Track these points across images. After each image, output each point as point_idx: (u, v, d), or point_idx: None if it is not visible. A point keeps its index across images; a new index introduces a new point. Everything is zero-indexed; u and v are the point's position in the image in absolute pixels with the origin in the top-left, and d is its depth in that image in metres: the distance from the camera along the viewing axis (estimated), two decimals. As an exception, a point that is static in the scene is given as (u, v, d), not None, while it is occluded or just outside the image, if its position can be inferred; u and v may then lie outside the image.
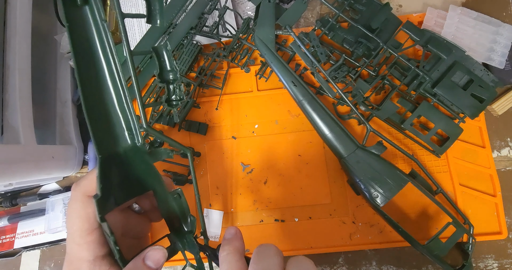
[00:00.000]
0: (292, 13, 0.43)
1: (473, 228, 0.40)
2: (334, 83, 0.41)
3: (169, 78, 0.28)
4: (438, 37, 0.41)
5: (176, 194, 0.28)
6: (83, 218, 0.24)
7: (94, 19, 0.24)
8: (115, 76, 0.25)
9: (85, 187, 0.25)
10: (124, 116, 0.26)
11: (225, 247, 0.25)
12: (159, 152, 0.27)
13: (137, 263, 0.24)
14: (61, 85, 0.48)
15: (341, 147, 0.40)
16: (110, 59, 0.25)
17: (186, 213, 0.29)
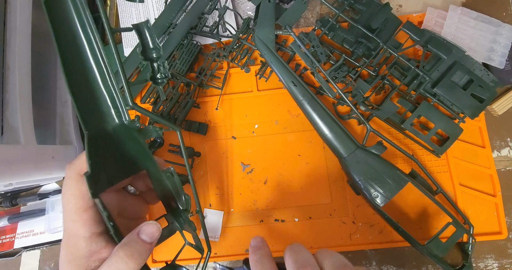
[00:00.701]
0: (292, 13, 0.43)
1: (473, 228, 0.40)
2: (334, 83, 0.41)
3: (152, 56, 0.28)
4: (438, 37, 0.41)
5: (169, 172, 0.28)
6: (77, 196, 0.25)
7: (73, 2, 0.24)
8: (96, 54, 0.25)
9: (79, 165, 0.25)
10: (109, 94, 0.26)
11: (257, 252, 0.27)
12: (148, 130, 0.27)
13: (132, 236, 0.25)
14: (61, 85, 0.48)
15: (341, 147, 0.40)
16: (90, 36, 0.24)
17: (180, 192, 0.29)
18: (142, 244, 0.24)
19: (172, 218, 0.30)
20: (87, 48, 0.25)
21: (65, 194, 0.25)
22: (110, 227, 0.24)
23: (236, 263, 0.45)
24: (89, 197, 0.24)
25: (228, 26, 0.46)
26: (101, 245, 0.25)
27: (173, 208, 0.30)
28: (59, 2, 0.23)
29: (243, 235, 0.44)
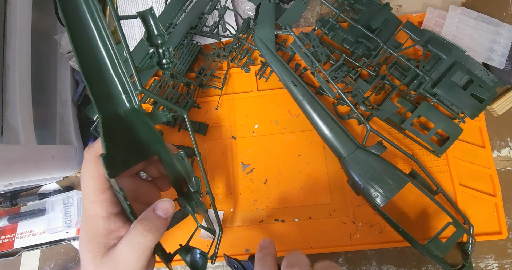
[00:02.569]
0: (292, 13, 0.43)
1: (473, 228, 0.40)
2: (334, 83, 0.41)
3: (158, 42, 0.29)
4: (438, 37, 0.41)
5: (179, 156, 0.30)
6: (95, 178, 0.26)
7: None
8: (106, 42, 0.26)
9: (97, 149, 0.27)
10: (120, 79, 0.27)
11: (262, 251, 0.29)
12: (158, 114, 0.29)
13: (148, 212, 0.26)
14: (61, 85, 0.48)
15: (341, 147, 0.40)
16: (99, 24, 0.26)
17: (191, 174, 0.30)
18: (158, 219, 0.26)
19: (184, 201, 0.32)
20: (96, 36, 0.26)
21: (84, 176, 0.27)
22: (127, 206, 0.25)
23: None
24: (106, 178, 0.25)
25: (228, 26, 0.46)
26: (118, 225, 0.26)
27: (185, 193, 0.31)
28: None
29: (243, 235, 0.44)
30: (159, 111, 0.29)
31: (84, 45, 0.26)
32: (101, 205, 0.26)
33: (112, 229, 0.26)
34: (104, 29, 0.26)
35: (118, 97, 0.27)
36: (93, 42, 0.26)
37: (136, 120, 0.28)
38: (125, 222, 0.27)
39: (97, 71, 0.26)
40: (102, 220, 0.26)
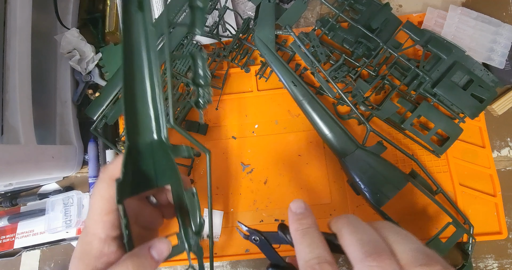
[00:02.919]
0: (292, 13, 0.43)
1: (473, 228, 0.40)
2: (334, 83, 0.41)
3: (200, 82, 0.31)
4: (438, 37, 0.41)
5: (191, 192, 0.30)
6: (104, 198, 0.26)
7: (144, 24, 0.27)
8: (153, 75, 0.28)
9: (113, 170, 0.27)
10: (155, 112, 0.28)
11: (303, 221, 0.23)
12: (181, 149, 0.29)
13: (142, 249, 0.25)
14: (61, 85, 0.48)
15: (341, 147, 0.40)
16: (151, 59, 0.27)
17: (197, 214, 0.30)
18: (150, 259, 0.25)
19: (183, 237, 0.31)
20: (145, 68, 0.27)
21: (94, 194, 0.27)
22: (125, 235, 0.25)
23: (236, 263, 0.45)
24: (114, 201, 0.25)
25: (228, 26, 0.46)
26: (112, 249, 0.26)
27: (186, 227, 0.30)
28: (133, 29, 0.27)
29: (243, 235, 0.44)
30: (182, 145, 0.29)
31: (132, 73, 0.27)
32: (102, 226, 0.26)
33: (104, 252, 0.26)
34: (155, 61, 0.27)
35: (149, 128, 0.28)
36: (141, 71, 0.27)
37: (158, 150, 0.29)
38: (120, 247, 0.26)
39: (137, 103, 0.27)
40: (98, 241, 0.26)
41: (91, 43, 0.48)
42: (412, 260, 0.18)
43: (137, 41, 0.27)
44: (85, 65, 0.47)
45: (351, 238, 0.20)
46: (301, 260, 0.20)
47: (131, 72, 0.27)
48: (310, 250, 0.21)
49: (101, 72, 0.49)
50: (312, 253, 0.20)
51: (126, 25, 0.27)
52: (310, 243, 0.21)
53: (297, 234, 0.22)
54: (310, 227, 0.22)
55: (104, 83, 0.48)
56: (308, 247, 0.21)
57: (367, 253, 0.19)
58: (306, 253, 0.21)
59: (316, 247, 0.21)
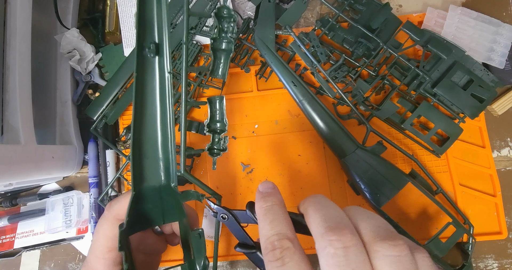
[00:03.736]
0: (292, 13, 0.43)
1: (473, 228, 0.40)
2: (334, 83, 0.41)
3: (217, 128, 0.29)
4: (438, 37, 0.41)
5: (198, 234, 0.29)
6: (107, 237, 0.26)
7: (161, 69, 0.25)
8: (166, 122, 0.26)
9: (117, 210, 0.27)
10: (166, 159, 0.27)
11: (268, 198, 0.22)
12: (190, 194, 0.28)
13: None
14: (61, 85, 0.48)
15: (341, 147, 0.40)
16: (166, 106, 0.26)
17: (202, 254, 0.29)
18: None
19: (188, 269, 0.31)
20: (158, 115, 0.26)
21: (97, 231, 0.27)
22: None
23: (236, 263, 0.45)
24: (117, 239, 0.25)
25: (228, 26, 0.46)
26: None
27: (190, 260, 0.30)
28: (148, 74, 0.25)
29: (243, 235, 0.44)
30: (191, 191, 0.28)
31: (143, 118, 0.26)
32: (104, 263, 0.26)
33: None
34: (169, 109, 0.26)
35: (157, 175, 0.27)
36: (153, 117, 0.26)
37: (166, 193, 0.28)
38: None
39: (146, 150, 0.26)
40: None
41: (91, 43, 0.48)
42: (375, 235, 0.18)
43: (151, 88, 0.25)
44: (85, 65, 0.47)
45: (314, 215, 0.20)
46: (262, 237, 0.20)
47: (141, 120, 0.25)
48: (271, 227, 0.20)
49: (101, 72, 0.49)
50: (273, 230, 0.20)
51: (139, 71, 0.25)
52: (272, 220, 0.21)
53: (260, 212, 0.22)
54: (275, 205, 0.22)
55: (104, 83, 0.48)
56: (270, 224, 0.20)
57: (328, 228, 0.18)
58: (267, 230, 0.20)
59: (278, 224, 0.20)
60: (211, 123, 0.29)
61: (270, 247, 0.19)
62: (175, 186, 0.27)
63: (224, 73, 0.29)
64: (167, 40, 0.25)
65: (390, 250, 0.17)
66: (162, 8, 0.25)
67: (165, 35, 0.25)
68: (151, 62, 0.25)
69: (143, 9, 0.25)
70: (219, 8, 0.27)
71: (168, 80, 0.26)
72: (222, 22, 0.28)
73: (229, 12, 0.27)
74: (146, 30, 0.25)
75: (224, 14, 0.27)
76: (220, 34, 0.29)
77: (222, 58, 0.29)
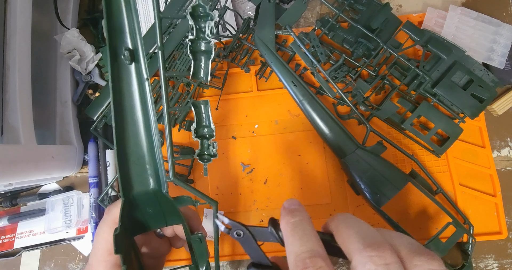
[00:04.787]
0: (292, 13, 0.43)
1: (473, 228, 0.40)
2: (334, 83, 0.41)
3: (205, 134, 0.29)
4: (438, 37, 0.41)
5: (198, 238, 0.29)
6: (107, 240, 0.27)
7: (139, 76, 0.25)
8: (150, 129, 0.26)
9: (115, 214, 0.27)
10: (154, 165, 0.27)
11: (295, 213, 0.21)
12: (184, 199, 0.28)
13: None
14: (61, 85, 0.48)
15: (341, 147, 0.40)
16: (148, 112, 0.25)
17: (204, 259, 0.29)
18: None
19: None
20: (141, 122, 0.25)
21: (98, 235, 0.28)
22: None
23: (236, 263, 0.45)
24: None
25: (228, 26, 0.46)
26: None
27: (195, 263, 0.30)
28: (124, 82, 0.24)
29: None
30: (184, 196, 0.28)
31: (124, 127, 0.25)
32: (105, 265, 0.27)
33: None
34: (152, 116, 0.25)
35: (147, 181, 0.27)
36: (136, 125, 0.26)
37: (160, 199, 0.28)
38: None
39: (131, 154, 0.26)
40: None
41: (91, 43, 0.48)
42: (411, 251, 0.18)
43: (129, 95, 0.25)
44: (85, 65, 0.47)
45: (348, 232, 0.19)
46: (292, 253, 0.19)
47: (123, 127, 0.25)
48: (302, 243, 0.19)
49: (101, 72, 0.49)
50: (304, 246, 0.19)
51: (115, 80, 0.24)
52: (302, 236, 0.19)
53: (288, 227, 0.20)
54: (303, 220, 0.20)
55: (104, 83, 0.48)
56: (300, 239, 0.19)
57: (366, 244, 0.17)
58: (297, 246, 0.19)
59: (308, 240, 0.19)
60: (199, 128, 0.29)
61: (301, 266, 0.18)
62: (166, 192, 0.27)
63: (206, 74, 0.28)
64: (141, 46, 0.24)
65: (429, 263, 0.17)
66: (132, 12, 0.24)
67: (139, 40, 0.24)
68: (127, 69, 0.25)
69: (110, 14, 0.24)
70: (194, 7, 0.26)
71: (148, 86, 0.25)
72: (199, 21, 0.27)
73: (205, 10, 0.26)
74: (118, 37, 0.24)
75: (200, 12, 0.26)
76: (198, 35, 0.27)
77: (202, 59, 0.28)
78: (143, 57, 0.25)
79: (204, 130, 0.29)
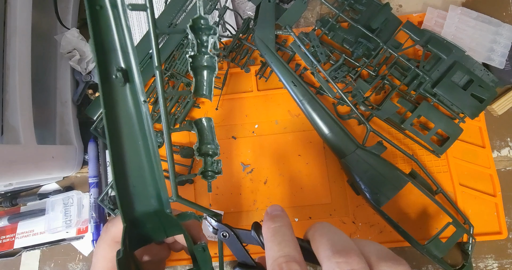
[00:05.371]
0: (292, 13, 0.43)
1: (473, 228, 0.40)
2: (334, 83, 0.41)
3: (208, 151, 0.27)
4: (438, 37, 0.41)
5: (201, 247, 0.28)
6: (107, 259, 0.27)
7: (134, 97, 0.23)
8: (149, 150, 0.24)
9: (113, 233, 0.28)
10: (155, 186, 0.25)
11: (276, 219, 0.22)
12: (187, 215, 0.27)
13: None
14: (61, 85, 0.48)
15: (341, 147, 0.40)
16: (146, 134, 0.24)
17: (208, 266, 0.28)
18: None
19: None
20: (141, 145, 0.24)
21: (97, 254, 0.28)
22: None
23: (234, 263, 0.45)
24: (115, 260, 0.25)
25: (228, 26, 0.46)
26: None
27: None
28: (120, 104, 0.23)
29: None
30: (188, 212, 0.27)
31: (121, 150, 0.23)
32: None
33: None
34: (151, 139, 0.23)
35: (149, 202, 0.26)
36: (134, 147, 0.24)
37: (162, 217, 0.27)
38: None
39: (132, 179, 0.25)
40: None
41: (91, 43, 0.48)
42: (379, 257, 0.19)
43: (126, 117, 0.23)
44: (85, 65, 0.47)
45: (321, 239, 0.20)
46: (270, 258, 0.20)
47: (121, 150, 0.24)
48: (279, 248, 0.20)
49: (101, 72, 0.49)
50: (281, 251, 0.20)
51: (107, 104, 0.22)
52: (280, 241, 0.20)
53: (268, 232, 0.21)
54: (283, 226, 0.21)
55: (104, 83, 0.48)
56: (278, 245, 0.20)
57: (335, 251, 0.18)
58: (275, 251, 0.20)
59: (286, 245, 0.20)
60: (202, 146, 0.27)
61: (277, 269, 0.19)
62: (170, 212, 0.26)
63: (210, 91, 0.26)
64: (136, 64, 0.22)
65: (394, 268, 0.18)
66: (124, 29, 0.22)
67: (132, 59, 0.22)
68: (121, 90, 0.23)
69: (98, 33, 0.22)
70: (195, 20, 0.24)
71: (146, 109, 0.23)
72: (200, 35, 0.25)
73: (207, 23, 0.24)
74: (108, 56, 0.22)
75: (202, 25, 0.24)
76: (200, 50, 0.25)
77: (205, 75, 0.26)
78: (139, 77, 0.22)
79: (207, 147, 0.27)
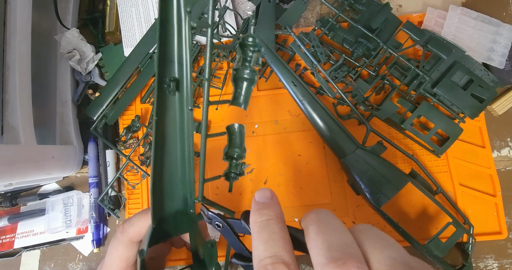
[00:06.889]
0: (292, 13, 0.43)
1: (473, 228, 0.40)
2: (334, 83, 0.41)
3: (235, 154, 0.28)
4: (438, 37, 0.41)
5: (210, 244, 0.28)
6: (122, 260, 0.27)
7: (181, 107, 0.25)
8: (185, 158, 0.26)
9: (132, 233, 0.27)
10: (184, 191, 0.27)
11: (264, 211, 0.19)
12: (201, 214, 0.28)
13: None
14: (61, 85, 0.48)
15: (341, 147, 0.40)
16: (185, 142, 0.26)
17: (213, 263, 0.29)
18: None
19: None
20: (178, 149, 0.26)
21: (112, 254, 0.27)
22: None
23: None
24: (131, 262, 0.26)
25: (228, 26, 0.46)
26: None
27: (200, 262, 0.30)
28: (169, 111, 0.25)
29: (243, 235, 0.44)
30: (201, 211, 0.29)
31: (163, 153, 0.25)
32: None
33: None
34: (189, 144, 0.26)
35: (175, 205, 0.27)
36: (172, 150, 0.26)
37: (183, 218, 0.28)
38: None
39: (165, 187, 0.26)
40: None
41: (91, 43, 0.48)
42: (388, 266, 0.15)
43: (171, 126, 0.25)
44: (85, 65, 0.47)
45: (316, 239, 0.17)
46: (255, 258, 0.18)
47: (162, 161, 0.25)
48: (266, 248, 0.18)
49: (101, 72, 0.49)
50: (267, 251, 0.17)
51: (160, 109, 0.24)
52: (267, 239, 0.18)
53: (254, 227, 0.19)
54: (271, 220, 0.19)
55: (104, 83, 0.48)
56: (264, 244, 0.18)
57: (330, 258, 0.15)
58: (260, 251, 0.18)
59: (274, 244, 0.18)
60: (230, 150, 0.28)
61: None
62: (193, 213, 0.27)
63: (246, 102, 0.28)
64: (189, 75, 0.24)
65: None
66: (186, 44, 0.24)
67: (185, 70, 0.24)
68: (171, 98, 0.25)
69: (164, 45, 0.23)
70: (244, 37, 0.25)
71: (190, 117, 0.25)
72: (246, 51, 0.27)
73: (254, 41, 0.26)
74: (166, 67, 0.24)
75: (249, 42, 0.26)
76: (244, 64, 0.27)
77: (243, 87, 0.28)
78: (189, 87, 0.24)
79: (234, 150, 0.28)
